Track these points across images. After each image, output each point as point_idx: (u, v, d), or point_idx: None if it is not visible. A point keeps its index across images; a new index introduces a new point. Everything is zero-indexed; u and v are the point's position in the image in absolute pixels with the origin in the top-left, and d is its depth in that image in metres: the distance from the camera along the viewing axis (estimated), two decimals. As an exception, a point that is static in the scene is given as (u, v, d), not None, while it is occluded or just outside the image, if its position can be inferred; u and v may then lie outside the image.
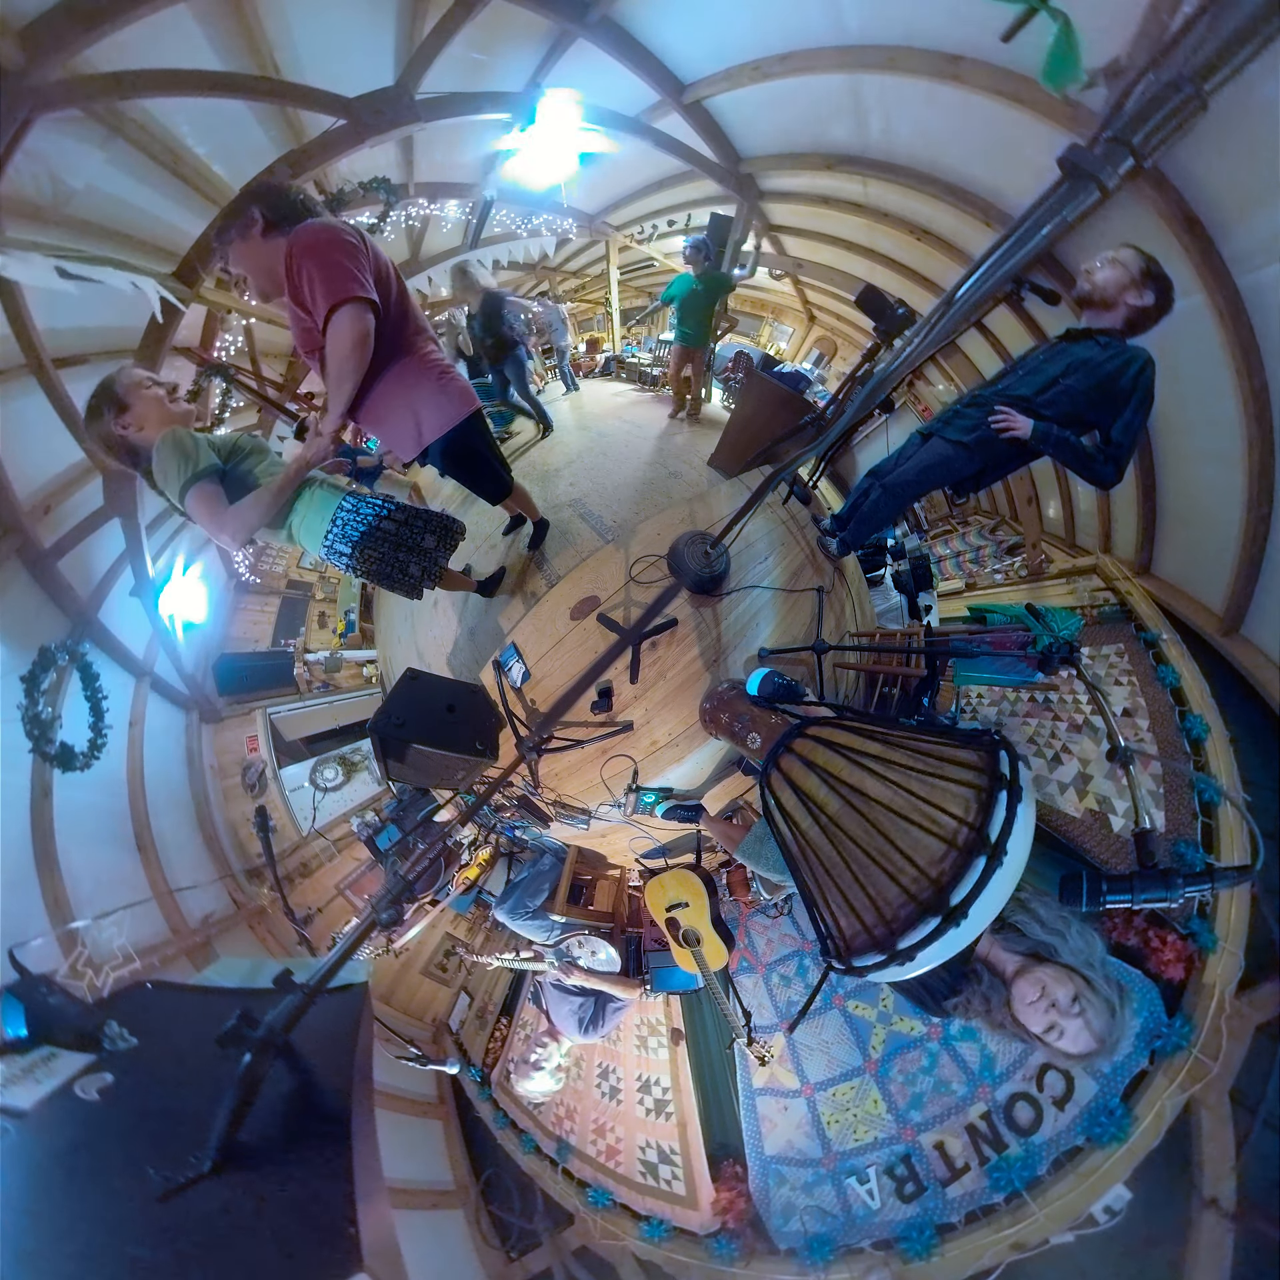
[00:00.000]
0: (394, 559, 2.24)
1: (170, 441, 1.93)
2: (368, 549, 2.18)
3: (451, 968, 4.37)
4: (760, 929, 3.64)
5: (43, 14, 2.17)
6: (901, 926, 1.03)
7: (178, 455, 1.93)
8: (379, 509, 2.19)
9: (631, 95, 3.88)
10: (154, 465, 1.96)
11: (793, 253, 5.64)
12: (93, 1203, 0.70)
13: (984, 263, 1.09)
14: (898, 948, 1.02)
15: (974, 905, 0.96)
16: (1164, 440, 3.21)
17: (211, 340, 3.75)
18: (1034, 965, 1.26)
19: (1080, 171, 0.97)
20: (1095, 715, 3.11)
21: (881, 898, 1.09)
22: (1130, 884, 1.13)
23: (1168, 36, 0.86)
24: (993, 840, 0.99)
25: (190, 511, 1.99)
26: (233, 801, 4.42)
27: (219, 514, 1.97)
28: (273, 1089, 0.78)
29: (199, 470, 1.94)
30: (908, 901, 1.04)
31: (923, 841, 1.07)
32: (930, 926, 0.98)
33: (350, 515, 2.14)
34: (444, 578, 2.62)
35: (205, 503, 1.96)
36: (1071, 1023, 1.20)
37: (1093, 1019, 1.20)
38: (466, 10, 2.99)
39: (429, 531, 2.32)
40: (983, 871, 0.96)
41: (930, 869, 1.03)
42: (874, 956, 1.06)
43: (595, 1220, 3.20)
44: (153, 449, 1.95)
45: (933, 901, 0.99)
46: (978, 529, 5.52)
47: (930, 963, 1.03)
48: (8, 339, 2.71)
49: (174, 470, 1.93)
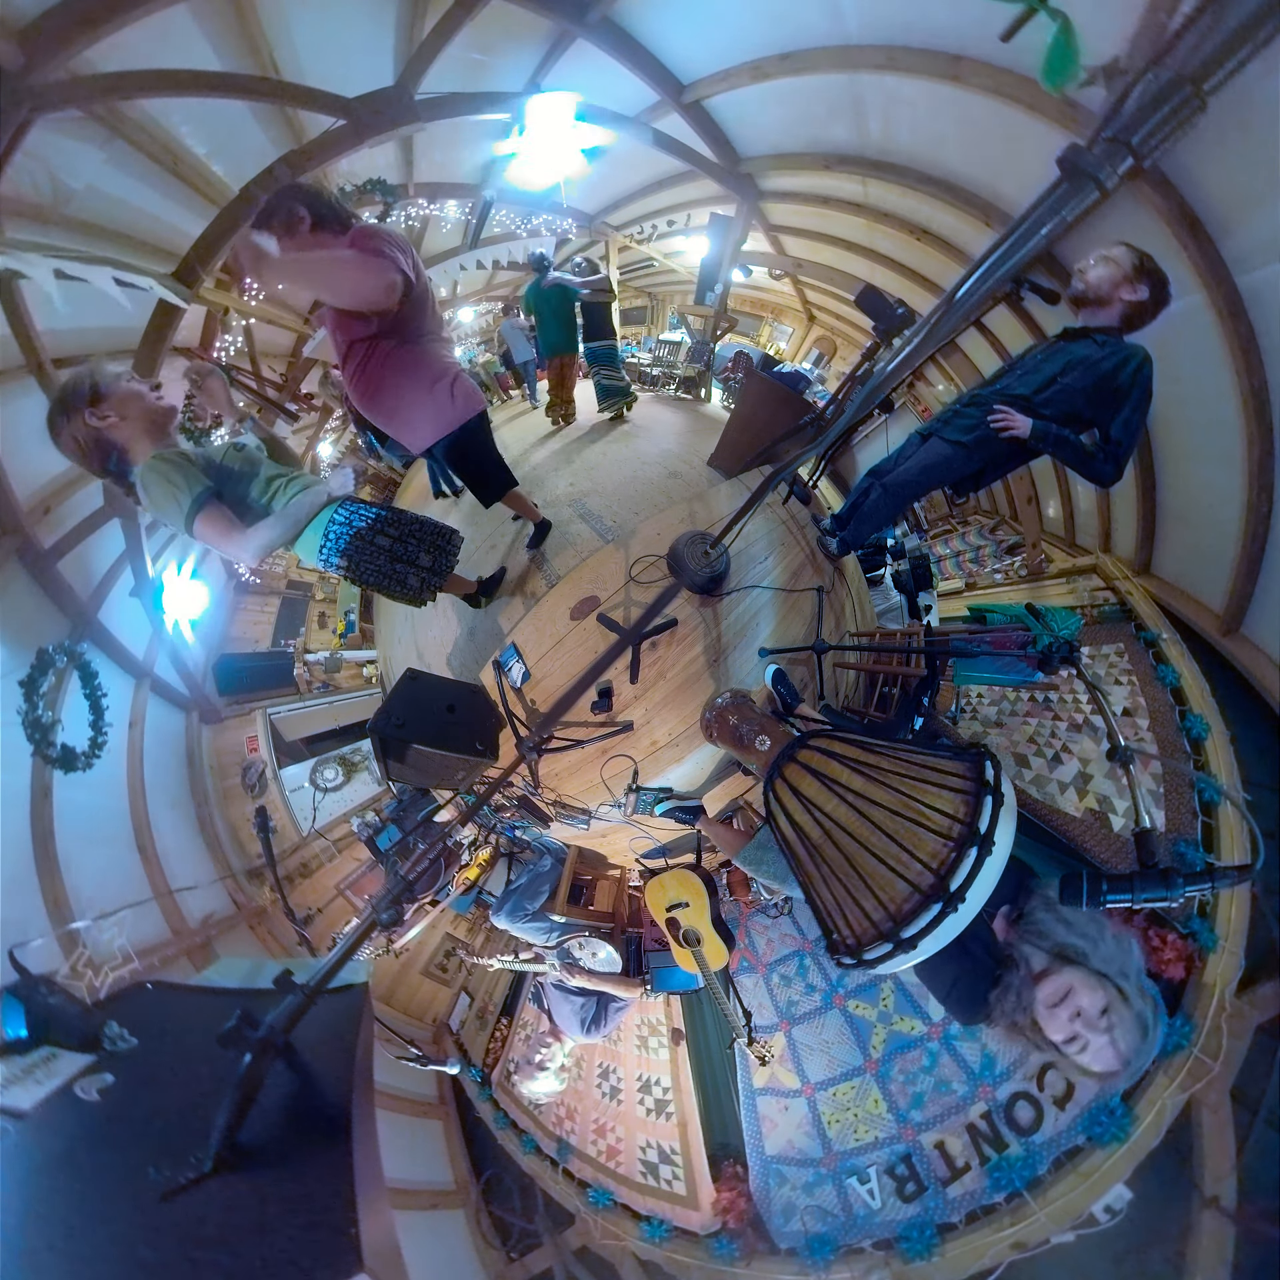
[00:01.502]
0: (390, 571, 2.20)
1: (154, 475, 1.82)
2: (363, 561, 2.13)
3: (452, 968, 4.37)
4: (760, 929, 3.64)
5: (43, 14, 2.17)
6: (907, 916, 1.11)
7: (167, 489, 1.82)
8: (372, 522, 2.13)
9: (631, 95, 3.88)
10: (142, 497, 1.86)
11: (792, 253, 5.64)
12: (93, 1203, 0.70)
13: (983, 262, 1.09)
14: (903, 936, 1.09)
15: (970, 890, 1.06)
16: (1163, 440, 3.21)
17: (211, 340, 3.76)
18: (1061, 966, 1.15)
19: (1079, 171, 0.97)
20: (1095, 715, 3.11)
21: (886, 892, 1.16)
22: (1130, 883, 1.08)
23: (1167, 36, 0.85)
24: (982, 833, 1.11)
25: (200, 538, 1.90)
26: (233, 802, 4.42)
27: (232, 535, 1.89)
28: (273, 1089, 0.78)
29: (196, 497, 1.84)
30: (913, 892, 1.12)
31: (923, 837, 1.17)
32: (934, 913, 1.07)
33: (343, 529, 2.08)
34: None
35: (214, 526, 1.88)
36: (1097, 1038, 1.09)
37: (1120, 1038, 1.08)
38: (466, 10, 2.99)
39: (424, 550, 2.26)
40: (975, 859, 1.08)
41: (931, 861, 1.13)
42: (882, 947, 1.13)
43: (596, 1220, 3.20)
44: (134, 477, 1.84)
45: (935, 889, 1.09)
46: (977, 529, 5.53)
47: (931, 950, 1.10)
48: (7, 339, 2.71)
49: (170, 506, 1.84)
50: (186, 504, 1.82)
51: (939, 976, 1.37)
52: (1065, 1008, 1.12)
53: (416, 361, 2.23)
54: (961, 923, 1.08)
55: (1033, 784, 3.06)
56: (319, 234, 1.92)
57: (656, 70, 3.67)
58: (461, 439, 2.53)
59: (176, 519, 1.85)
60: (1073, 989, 1.12)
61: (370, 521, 2.13)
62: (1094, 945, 1.14)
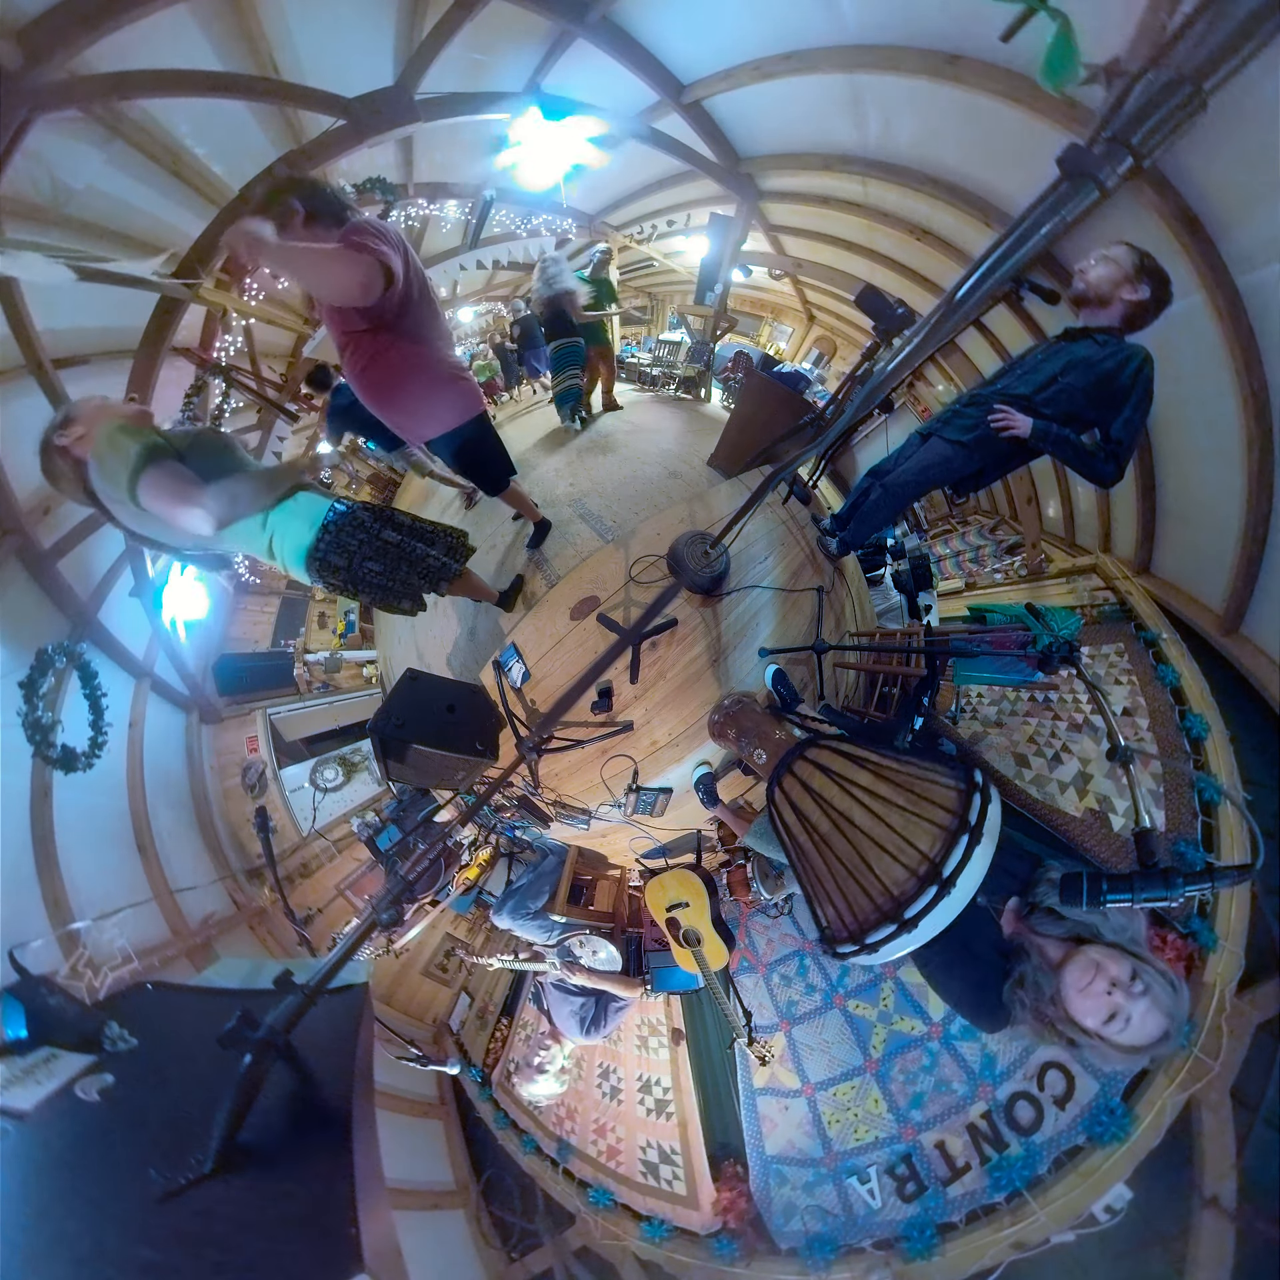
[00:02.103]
0: (394, 571, 2.06)
1: (103, 436, 1.64)
2: (366, 560, 1.97)
3: (452, 968, 4.37)
4: (760, 929, 3.64)
5: (42, 14, 2.17)
6: (908, 898, 1.18)
7: (113, 446, 1.63)
8: (378, 512, 2.03)
9: (631, 95, 3.88)
10: (93, 477, 1.66)
11: (792, 253, 5.64)
12: (94, 1204, 0.70)
13: (983, 262, 1.09)
14: (905, 917, 1.16)
15: (961, 875, 1.14)
16: (1163, 439, 3.21)
17: (211, 341, 3.75)
18: (1079, 947, 1.17)
19: (1079, 171, 0.97)
20: (1095, 714, 3.11)
21: (888, 877, 1.24)
22: (1130, 883, 1.08)
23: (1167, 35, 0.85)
24: (972, 824, 1.19)
25: (149, 501, 1.63)
26: (233, 802, 4.42)
27: (189, 492, 1.63)
28: (273, 1090, 0.78)
29: (147, 447, 1.62)
30: (910, 876, 1.20)
31: (922, 828, 1.25)
32: (930, 894, 1.14)
33: (344, 517, 1.93)
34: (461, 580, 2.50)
35: (166, 480, 1.63)
36: (1137, 1004, 1.09)
37: (1160, 996, 1.09)
38: (466, 10, 2.99)
39: (437, 545, 2.20)
40: (966, 847, 1.16)
41: (929, 850, 1.21)
42: (886, 928, 1.19)
43: (596, 1220, 3.20)
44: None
45: (931, 874, 1.17)
46: (977, 528, 5.53)
47: (931, 930, 1.16)
48: (7, 339, 2.71)
49: (115, 462, 1.61)
50: (133, 457, 1.60)
51: (952, 985, 1.40)
52: (1099, 983, 1.12)
53: (419, 357, 2.23)
54: (957, 905, 1.14)
55: (1033, 784, 3.06)
56: (312, 228, 1.90)
57: (656, 70, 3.67)
58: (463, 435, 2.55)
59: (121, 476, 1.61)
60: (1100, 964, 1.13)
61: (375, 512, 2.03)
62: (1103, 919, 1.17)
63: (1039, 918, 1.25)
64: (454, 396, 2.41)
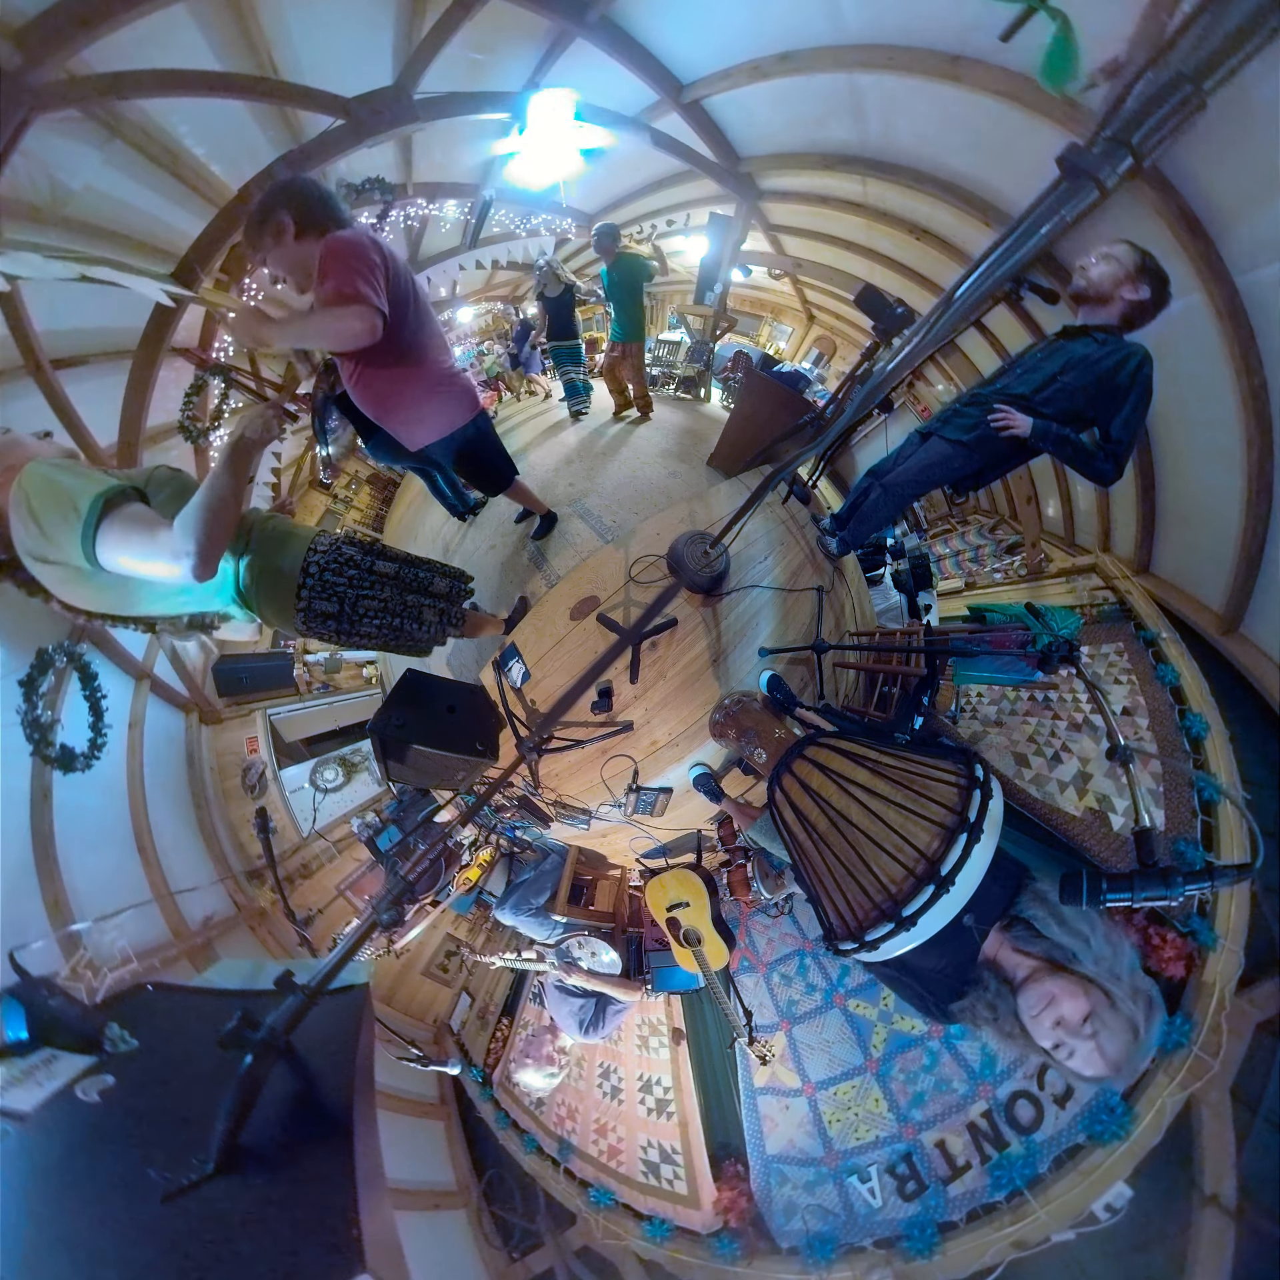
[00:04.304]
0: (397, 608, 1.93)
1: (28, 480, 1.26)
2: (361, 599, 1.83)
3: (453, 968, 4.37)
4: (761, 928, 3.64)
5: (41, 14, 2.16)
6: (905, 896, 1.18)
7: (51, 495, 1.25)
8: (366, 547, 1.90)
9: (630, 95, 3.87)
10: (13, 529, 1.28)
11: (792, 252, 5.64)
12: (94, 1205, 0.70)
13: (983, 262, 1.09)
14: (903, 915, 1.16)
15: (959, 873, 1.14)
16: (1163, 439, 3.21)
17: (210, 341, 3.75)
18: (1046, 974, 1.13)
19: (1079, 171, 0.97)
20: (1095, 714, 3.11)
21: (886, 875, 1.24)
22: (1130, 882, 1.08)
23: (1167, 36, 0.86)
24: (971, 821, 1.19)
25: (111, 552, 1.27)
26: (233, 803, 4.41)
27: (157, 533, 1.28)
28: (274, 1090, 0.78)
29: (103, 493, 1.25)
30: (908, 875, 1.20)
31: (921, 825, 1.25)
32: (928, 893, 1.15)
33: (329, 558, 1.77)
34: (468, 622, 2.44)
35: (135, 527, 1.28)
36: (1082, 1044, 1.07)
37: (1106, 1042, 1.05)
38: (465, 10, 2.98)
39: (437, 574, 2.13)
40: (965, 845, 1.16)
41: (927, 848, 1.21)
42: (884, 927, 1.19)
43: (597, 1220, 3.21)
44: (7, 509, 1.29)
45: (929, 872, 1.18)
46: (977, 528, 5.53)
47: (931, 928, 1.15)
48: (6, 339, 2.70)
49: (54, 516, 1.24)
50: (86, 505, 1.23)
51: (900, 992, 1.39)
52: (1047, 1016, 1.10)
53: (419, 369, 2.23)
54: (957, 903, 1.15)
55: (1033, 783, 3.06)
56: (303, 241, 1.89)
57: (656, 70, 3.67)
58: (463, 438, 2.55)
59: (66, 532, 1.24)
60: (1054, 998, 1.10)
61: (363, 547, 1.91)
62: (1085, 944, 1.11)
63: (1018, 932, 1.20)
64: (447, 403, 2.40)
